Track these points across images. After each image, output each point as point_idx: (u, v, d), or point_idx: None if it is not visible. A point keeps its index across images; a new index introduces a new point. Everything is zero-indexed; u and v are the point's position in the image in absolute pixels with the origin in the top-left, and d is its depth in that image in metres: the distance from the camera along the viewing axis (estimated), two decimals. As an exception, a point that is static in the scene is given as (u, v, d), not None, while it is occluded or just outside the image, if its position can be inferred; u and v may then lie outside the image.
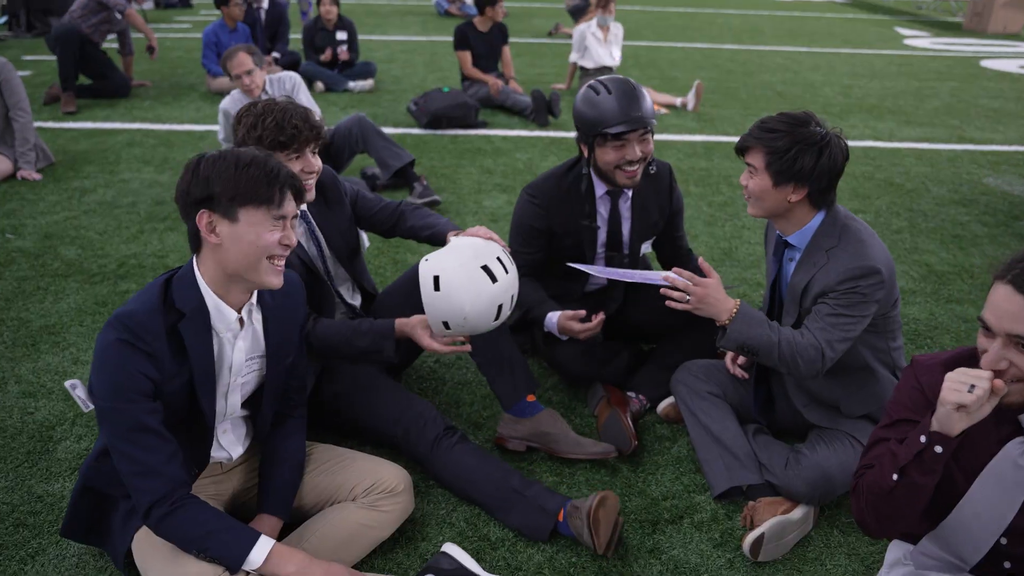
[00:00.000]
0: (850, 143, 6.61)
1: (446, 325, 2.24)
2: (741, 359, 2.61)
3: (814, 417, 2.45)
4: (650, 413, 2.81)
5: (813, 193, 2.20)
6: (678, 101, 7.50)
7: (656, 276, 2.36)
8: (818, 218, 2.26)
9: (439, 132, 6.36)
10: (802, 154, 2.13)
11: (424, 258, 2.24)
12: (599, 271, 2.52)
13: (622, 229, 2.84)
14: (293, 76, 4.97)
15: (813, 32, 13.33)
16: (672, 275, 2.32)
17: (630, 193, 2.81)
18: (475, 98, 6.83)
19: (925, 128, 7.01)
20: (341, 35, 7.87)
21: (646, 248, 2.98)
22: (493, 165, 5.58)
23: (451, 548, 2.09)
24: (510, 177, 5.32)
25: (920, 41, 12.74)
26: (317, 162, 2.40)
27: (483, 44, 7.22)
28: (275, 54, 8.12)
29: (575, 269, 2.87)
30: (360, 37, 10.86)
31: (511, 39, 7.63)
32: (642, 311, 2.97)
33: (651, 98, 2.68)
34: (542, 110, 6.65)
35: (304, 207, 2.51)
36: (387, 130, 6.33)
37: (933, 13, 16.99)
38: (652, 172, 2.76)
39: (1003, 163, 6.04)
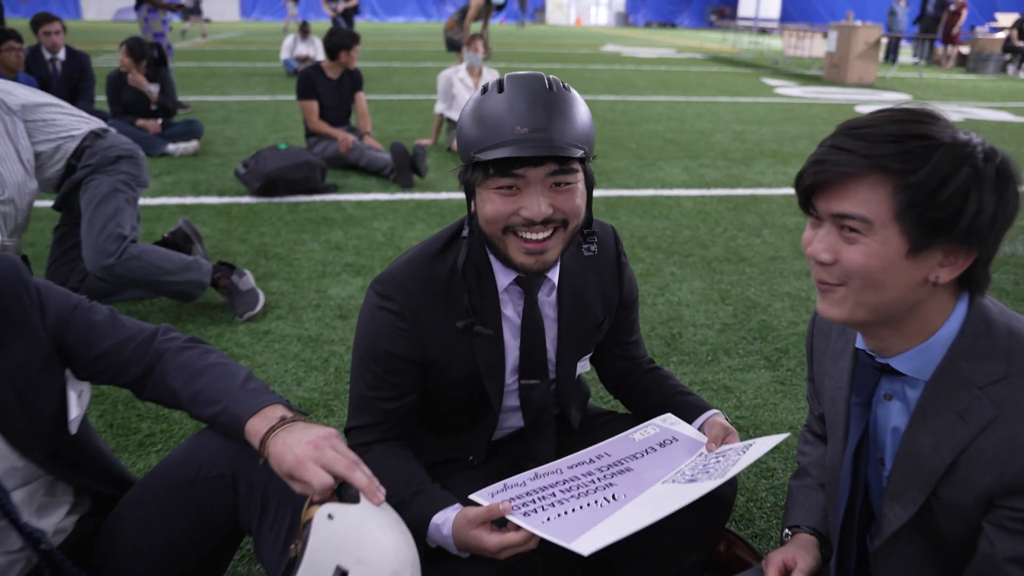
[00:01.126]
0: (768, 191, 5.87)
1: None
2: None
3: None
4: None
5: (981, 265, 1.07)
6: None
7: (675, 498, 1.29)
8: (955, 319, 1.11)
9: (275, 199, 5.02)
10: (975, 186, 0.99)
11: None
12: (557, 536, 1.27)
13: (545, 340, 1.62)
14: None
15: (685, 84, 12.89)
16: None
17: (555, 278, 1.60)
18: (322, 156, 5.55)
19: (838, 172, 6.27)
20: (151, 87, 6.44)
21: (583, 367, 1.76)
22: (343, 239, 4.29)
23: None
24: (366, 254, 4.05)
25: (790, 90, 12.50)
26: None
27: (333, 93, 5.97)
28: (75, 114, 6.62)
29: (478, 408, 1.64)
30: (191, 97, 9.44)
31: (367, 96, 6.43)
32: None
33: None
34: (405, 168, 5.44)
35: None
36: (211, 200, 4.96)
37: (789, 67, 17.16)
38: (590, 253, 1.55)
39: (935, 206, 5.30)
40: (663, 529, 1.52)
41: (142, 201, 4.90)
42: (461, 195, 5.20)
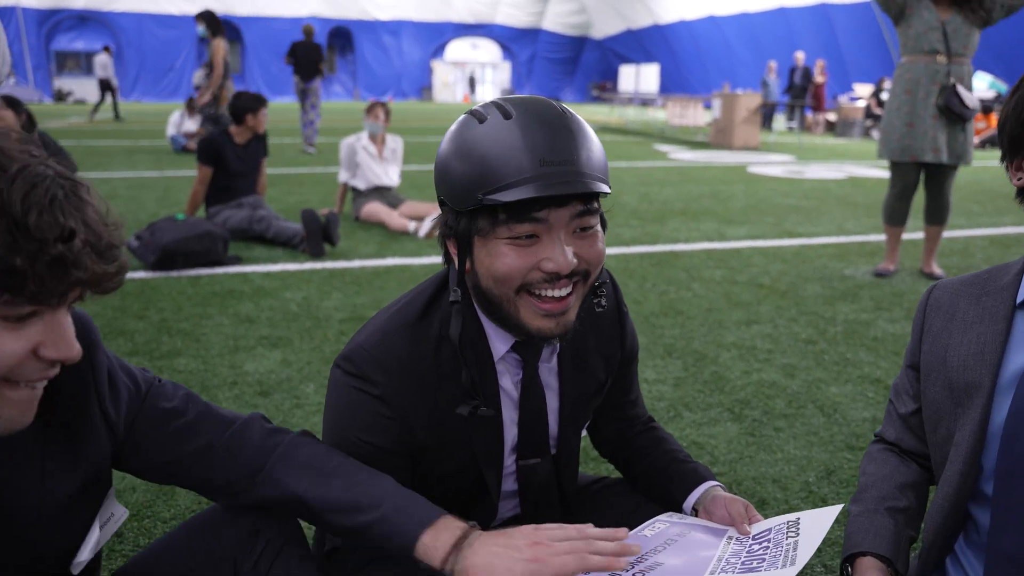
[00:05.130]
0: (687, 246, 5.87)
1: None
2: None
3: None
4: None
5: None
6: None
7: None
8: None
9: (173, 273, 4.62)
10: None
11: None
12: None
13: (546, 413, 1.38)
14: None
15: (581, 151, 13.14)
16: None
17: (557, 344, 1.34)
18: (224, 227, 5.19)
19: (749, 227, 6.37)
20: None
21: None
22: (254, 311, 3.95)
23: None
24: (281, 326, 3.72)
25: (682, 155, 12.92)
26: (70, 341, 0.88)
27: (241, 160, 5.65)
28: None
29: (473, 498, 1.38)
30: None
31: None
32: None
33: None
34: (316, 236, 5.14)
35: None
36: (97, 278, 4.50)
37: (676, 135, 17.87)
38: (602, 308, 1.30)
39: (846, 254, 5.41)
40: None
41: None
42: (377, 262, 5.00)
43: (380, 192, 6.56)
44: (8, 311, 0.81)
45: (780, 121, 21.94)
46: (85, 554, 1.05)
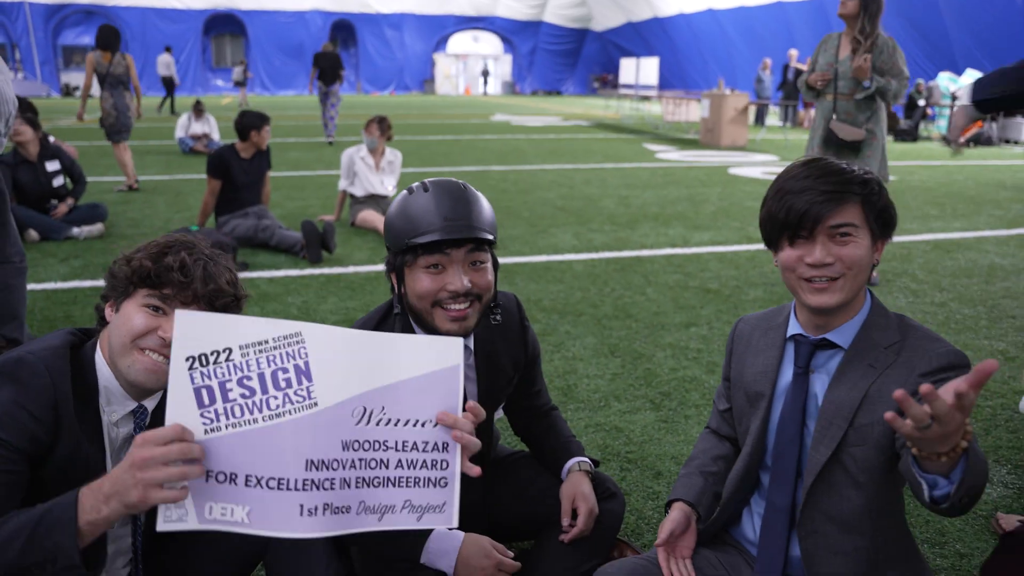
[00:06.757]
0: (652, 252, 6.49)
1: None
2: (685, 549, 1.79)
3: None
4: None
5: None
6: None
7: None
8: (867, 302, 1.68)
9: (188, 280, 5.20)
10: (885, 195, 1.63)
11: None
12: None
13: (466, 398, 1.98)
14: None
15: (573, 151, 13.69)
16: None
17: (471, 343, 1.97)
18: (232, 236, 5.78)
19: (713, 231, 6.93)
20: (52, 165, 6.49)
21: (496, 414, 2.14)
22: (260, 315, 4.53)
23: None
24: (284, 326, 4.29)
25: (670, 155, 13.45)
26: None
27: (245, 173, 6.22)
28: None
29: None
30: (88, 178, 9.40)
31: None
32: (513, 500, 2.11)
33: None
34: (315, 244, 5.72)
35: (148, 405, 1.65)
36: (120, 283, 5.09)
37: (669, 132, 18.38)
38: (496, 321, 1.92)
39: (796, 259, 5.96)
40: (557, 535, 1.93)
41: (52, 285, 5.01)
42: (369, 268, 5.62)
43: (375, 200, 7.13)
44: (148, 300, 1.52)
45: (775, 116, 22.40)
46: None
